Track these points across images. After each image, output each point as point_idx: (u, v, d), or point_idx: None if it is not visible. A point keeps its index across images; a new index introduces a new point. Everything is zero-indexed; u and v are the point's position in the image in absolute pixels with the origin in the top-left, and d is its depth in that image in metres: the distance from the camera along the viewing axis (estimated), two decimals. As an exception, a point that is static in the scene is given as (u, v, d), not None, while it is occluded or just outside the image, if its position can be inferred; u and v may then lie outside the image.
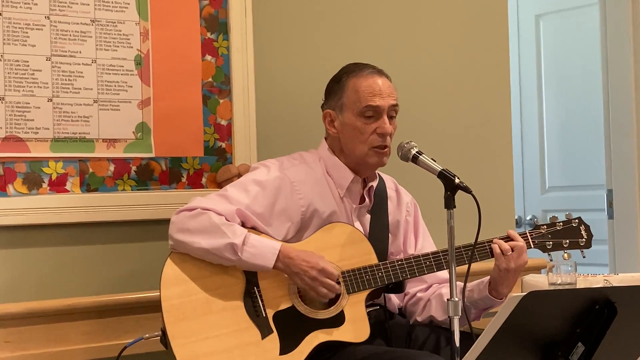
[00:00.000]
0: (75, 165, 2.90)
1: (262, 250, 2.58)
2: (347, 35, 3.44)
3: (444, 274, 2.84)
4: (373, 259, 2.69)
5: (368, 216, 2.81)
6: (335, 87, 2.78)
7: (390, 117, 2.74)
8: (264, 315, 2.60)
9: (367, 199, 2.82)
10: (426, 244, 2.91)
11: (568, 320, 2.12)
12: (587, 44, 4.94)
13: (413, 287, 2.86)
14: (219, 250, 2.57)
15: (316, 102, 2.86)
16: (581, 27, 5.03)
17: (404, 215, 2.91)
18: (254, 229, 2.66)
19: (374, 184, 2.83)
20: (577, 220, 2.82)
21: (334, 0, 3.43)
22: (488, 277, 2.74)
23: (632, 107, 4.49)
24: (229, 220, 2.61)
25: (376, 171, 2.85)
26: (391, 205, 2.88)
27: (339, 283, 2.63)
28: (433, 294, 2.83)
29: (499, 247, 2.67)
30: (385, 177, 2.92)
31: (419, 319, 2.84)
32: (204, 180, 3.10)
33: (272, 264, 2.58)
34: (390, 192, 2.90)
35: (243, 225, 2.65)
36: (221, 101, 3.13)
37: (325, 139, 2.84)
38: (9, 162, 2.80)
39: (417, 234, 2.93)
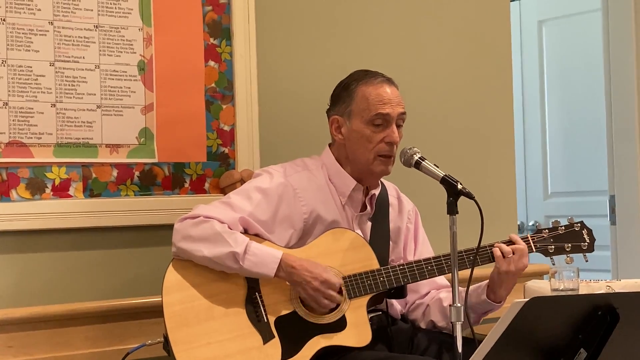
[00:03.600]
0: (78, 171, 2.91)
1: (264, 258, 2.58)
2: (351, 41, 3.45)
3: (441, 279, 2.86)
4: (375, 264, 2.70)
5: (369, 224, 2.81)
6: (344, 93, 2.78)
7: (398, 127, 2.75)
8: (266, 320, 2.60)
9: (368, 207, 2.82)
10: (424, 251, 2.91)
11: (570, 326, 2.12)
12: (589, 49, 4.95)
13: (411, 296, 2.87)
14: (221, 258, 2.57)
15: (319, 108, 2.86)
16: (584, 33, 5.03)
17: (405, 222, 2.92)
18: (256, 236, 2.66)
19: (376, 192, 2.83)
20: (579, 224, 2.83)
21: (338, 6, 3.43)
22: (485, 281, 2.74)
23: (635, 112, 4.49)
24: (231, 228, 2.61)
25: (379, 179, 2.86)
26: (392, 213, 2.88)
27: (340, 292, 2.63)
28: (431, 300, 2.84)
29: (500, 250, 2.68)
30: (387, 184, 2.93)
31: (422, 325, 2.85)
32: (206, 185, 3.10)
33: (273, 272, 2.58)
34: (392, 200, 2.90)
35: (246, 232, 2.65)
36: (224, 107, 3.14)
37: (330, 145, 2.84)
38: (13, 167, 2.81)
39: (416, 241, 2.94)
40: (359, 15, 3.48)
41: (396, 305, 2.85)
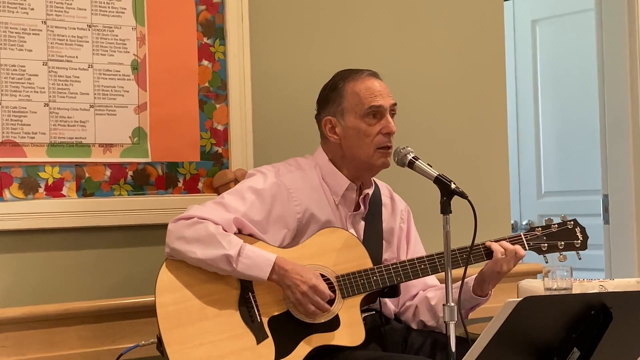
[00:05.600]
0: (71, 170, 2.90)
1: (257, 261, 2.58)
2: (344, 40, 3.45)
3: (430, 279, 2.86)
4: (368, 264, 2.69)
5: (362, 223, 2.82)
6: (332, 94, 2.77)
7: (391, 117, 2.75)
8: (259, 320, 2.60)
9: (362, 207, 2.82)
10: (416, 251, 2.91)
11: (564, 326, 2.12)
12: (583, 49, 4.95)
13: (401, 299, 2.87)
14: (214, 261, 2.57)
15: (313, 107, 2.86)
16: (577, 33, 5.04)
17: (398, 222, 2.92)
18: (250, 236, 2.66)
19: (369, 191, 2.83)
20: (572, 222, 2.83)
21: (331, 5, 3.43)
22: (471, 277, 2.74)
23: (628, 112, 4.50)
24: (225, 230, 2.61)
25: (372, 178, 2.85)
26: (385, 213, 2.88)
27: (330, 302, 2.62)
28: (420, 300, 2.85)
29: (499, 252, 2.68)
30: (380, 184, 2.93)
31: (413, 326, 2.86)
32: (200, 185, 3.10)
33: (266, 275, 2.58)
34: (385, 199, 2.90)
35: (240, 232, 2.65)
36: (218, 106, 3.13)
37: (322, 145, 2.84)
38: (6, 166, 2.80)
39: (408, 241, 2.94)
40: (352, 15, 3.48)
41: (390, 305, 2.85)
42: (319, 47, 3.39)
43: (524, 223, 5.18)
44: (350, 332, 2.63)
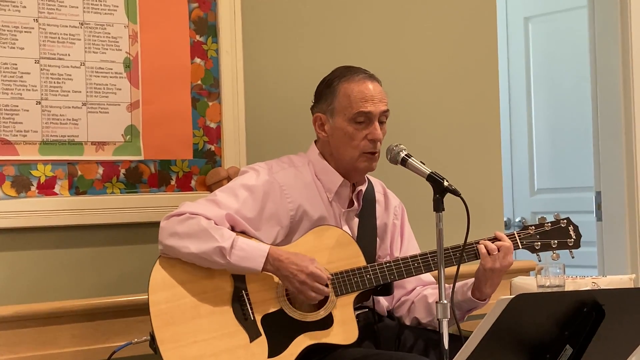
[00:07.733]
0: (64, 168, 2.89)
1: (251, 253, 2.58)
2: (336, 38, 3.45)
3: (426, 276, 2.86)
4: (361, 262, 2.70)
5: (356, 220, 2.82)
6: (326, 91, 2.77)
7: (381, 123, 2.75)
8: (252, 318, 2.60)
9: (355, 203, 2.82)
10: (410, 247, 2.92)
11: (556, 323, 2.12)
12: (576, 46, 4.96)
13: (397, 293, 2.87)
14: (208, 254, 2.57)
15: (305, 105, 2.86)
16: (570, 30, 5.05)
17: (392, 219, 2.92)
18: (243, 233, 2.66)
19: (363, 188, 2.83)
20: (565, 221, 2.83)
21: (324, 3, 3.43)
22: (471, 279, 2.75)
23: (621, 109, 4.50)
24: (217, 224, 2.61)
25: (365, 175, 2.86)
26: (379, 209, 2.88)
27: (328, 285, 2.63)
28: (417, 297, 2.85)
29: (485, 247, 2.69)
30: (374, 180, 2.93)
31: (406, 322, 2.86)
32: (193, 183, 3.10)
33: (260, 266, 2.58)
34: (379, 196, 2.90)
35: (232, 229, 2.65)
36: (210, 104, 3.13)
37: (315, 142, 2.84)
38: (-2, 165, 2.80)
39: (402, 237, 2.94)
40: (344, 13, 3.47)
41: (382, 302, 2.85)
42: (311, 44, 3.39)
43: (517, 220, 5.19)
44: (344, 330, 2.63)
